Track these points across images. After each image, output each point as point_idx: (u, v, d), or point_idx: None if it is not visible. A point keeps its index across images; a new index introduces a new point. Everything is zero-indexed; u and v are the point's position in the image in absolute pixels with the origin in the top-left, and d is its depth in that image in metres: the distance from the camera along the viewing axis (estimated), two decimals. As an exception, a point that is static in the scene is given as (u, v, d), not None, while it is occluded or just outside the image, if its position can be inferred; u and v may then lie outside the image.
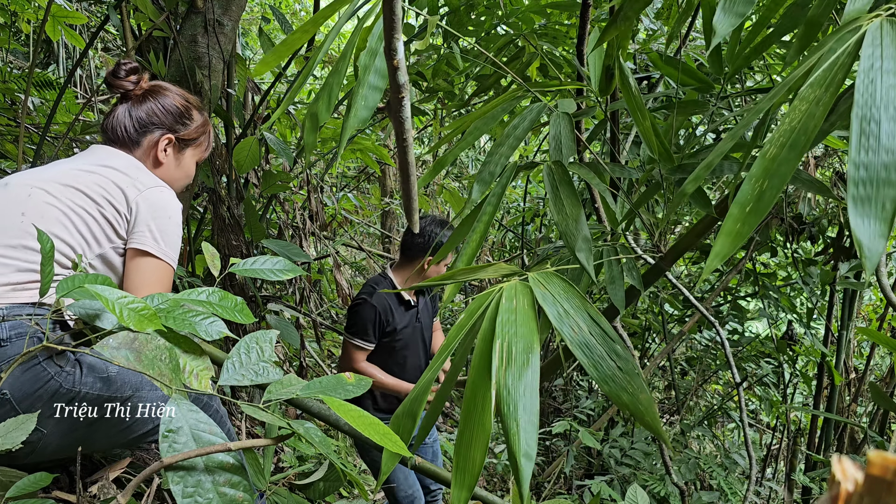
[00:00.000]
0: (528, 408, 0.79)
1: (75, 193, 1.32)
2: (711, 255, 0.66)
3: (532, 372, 0.81)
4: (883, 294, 1.75)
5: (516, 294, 0.89)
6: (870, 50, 0.65)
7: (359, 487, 1.15)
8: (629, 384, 0.82)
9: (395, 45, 0.87)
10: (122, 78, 1.50)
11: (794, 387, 4.27)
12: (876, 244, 0.58)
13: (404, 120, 0.97)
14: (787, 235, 3.18)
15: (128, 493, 0.97)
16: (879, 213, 0.59)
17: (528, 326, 0.84)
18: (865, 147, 0.60)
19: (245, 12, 4.11)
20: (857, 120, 0.62)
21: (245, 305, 1.18)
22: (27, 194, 1.30)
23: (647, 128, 1.22)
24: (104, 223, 1.33)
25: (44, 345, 1.06)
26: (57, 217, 1.29)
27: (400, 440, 0.99)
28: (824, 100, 0.64)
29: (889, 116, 0.61)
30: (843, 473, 0.30)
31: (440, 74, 2.90)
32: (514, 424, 0.77)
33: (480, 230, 1.18)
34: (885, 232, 0.58)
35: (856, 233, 0.58)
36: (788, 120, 0.66)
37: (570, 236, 1.08)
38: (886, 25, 0.66)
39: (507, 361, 0.81)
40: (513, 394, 0.79)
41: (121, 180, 1.37)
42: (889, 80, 0.63)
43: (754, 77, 2.89)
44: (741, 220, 0.65)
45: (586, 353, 0.84)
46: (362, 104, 1.02)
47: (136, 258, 1.36)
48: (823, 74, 0.66)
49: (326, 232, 3.88)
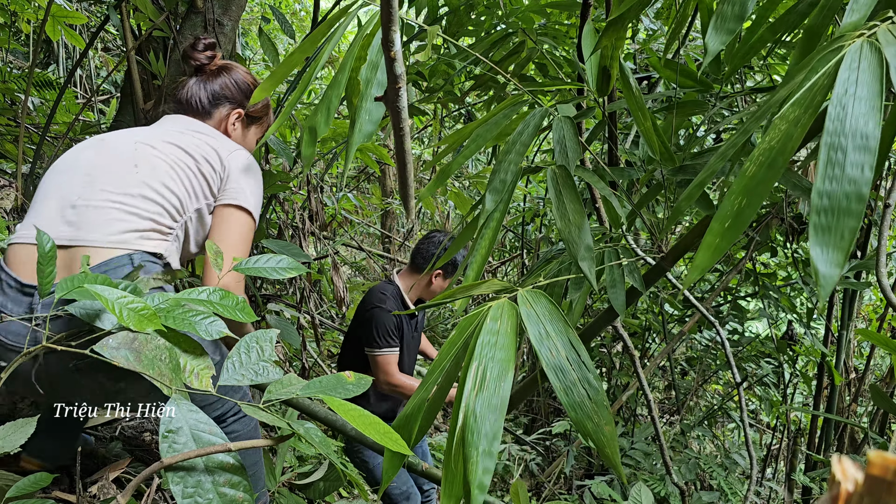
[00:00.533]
0: (489, 437, 0.79)
1: (177, 150, 1.40)
2: (693, 267, 0.67)
3: (501, 399, 0.81)
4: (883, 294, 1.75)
5: (502, 315, 0.90)
6: (846, 74, 0.64)
7: (358, 487, 1.15)
8: (595, 414, 0.83)
9: (391, 38, 0.88)
10: (200, 51, 1.56)
11: (794, 387, 4.27)
12: (832, 272, 0.59)
13: (401, 109, 0.98)
14: (787, 235, 3.18)
15: (128, 493, 0.97)
16: (838, 243, 0.59)
17: (506, 351, 0.85)
18: (830, 176, 0.60)
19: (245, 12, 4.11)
20: (825, 148, 0.61)
21: (246, 304, 1.18)
22: (133, 148, 1.36)
23: (647, 128, 1.21)
24: (202, 179, 1.41)
25: (43, 346, 1.06)
26: (166, 170, 1.36)
27: (401, 439, 0.99)
28: (803, 121, 0.64)
29: (856, 146, 0.60)
30: (844, 473, 0.30)
31: (439, 74, 2.90)
32: (474, 453, 0.78)
33: (489, 237, 1.18)
34: (841, 261, 0.59)
35: (814, 261, 0.59)
36: (768, 139, 0.66)
37: (572, 244, 1.07)
38: (866, 48, 0.65)
39: (479, 387, 0.82)
40: (479, 422, 0.79)
41: (212, 142, 1.46)
42: (860, 107, 0.61)
43: (754, 77, 2.89)
44: (720, 235, 0.67)
45: (559, 377, 0.85)
46: (366, 118, 1.03)
47: (227, 211, 1.43)
48: (803, 95, 0.66)
49: (326, 232, 3.88)
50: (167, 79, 2.65)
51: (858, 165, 0.60)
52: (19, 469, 1.51)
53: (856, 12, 0.80)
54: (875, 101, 0.62)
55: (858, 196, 0.59)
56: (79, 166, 1.34)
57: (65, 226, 1.26)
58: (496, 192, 1.19)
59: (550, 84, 1.43)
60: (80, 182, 1.31)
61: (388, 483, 1.00)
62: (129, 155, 1.35)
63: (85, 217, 1.26)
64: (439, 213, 6.36)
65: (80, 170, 1.33)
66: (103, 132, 3.15)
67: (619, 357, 4.53)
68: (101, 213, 1.27)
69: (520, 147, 1.22)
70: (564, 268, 1.44)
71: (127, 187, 1.31)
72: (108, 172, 1.32)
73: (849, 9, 0.81)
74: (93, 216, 1.27)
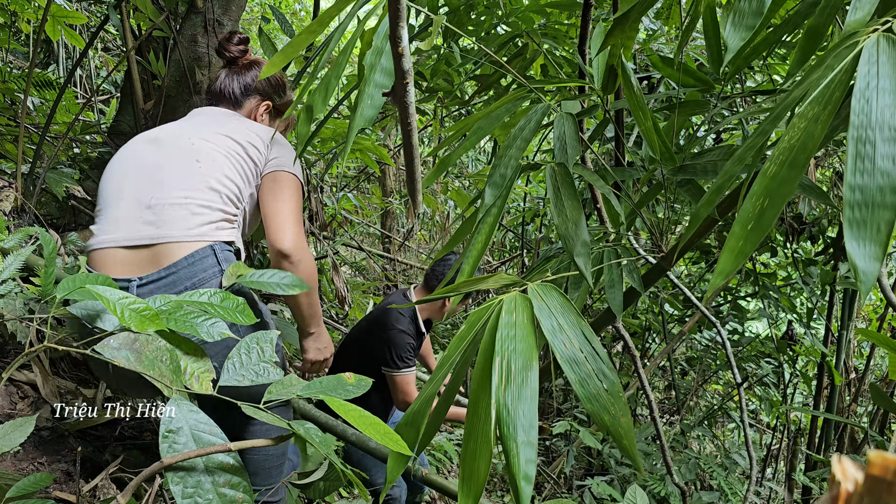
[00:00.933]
0: (526, 428, 0.79)
1: (227, 140, 1.48)
2: (716, 272, 0.66)
3: (531, 390, 0.80)
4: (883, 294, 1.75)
5: (516, 307, 0.89)
6: (866, 68, 0.63)
7: (358, 488, 1.15)
8: (612, 406, 0.82)
9: (399, 33, 0.89)
10: (234, 44, 1.65)
11: (794, 387, 4.27)
12: (871, 267, 0.58)
13: (409, 105, 0.98)
14: (787, 235, 3.18)
15: (128, 492, 0.97)
16: (875, 236, 0.58)
17: (527, 342, 0.85)
18: (861, 170, 0.60)
19: (245, 12, 4.11)
20: (852, 142, 0.61)
21: (246, 306, 1.17)
22: (190, 144, 1.45)
23: (648, 128, 1.21)
24: (251, 164, 1.50)
25: (44, 345, 1.06)
26: (223, 161, 1.45)
27: (402, 440, 0.99)
28: (822, 117, 0.63)
29: (885, 138, 0.60)
30: (843, 473, 0.30)
31: (440, 74, 2.90)
32: (513, 445, 0.77)
33: (485, 231, 1.17)
34: (880, 255, 0.58)
35: (851, 256, 0.58)
36: (788, 138, 0.65)
37: (569, 240, 1.07)
38: (883, 42, 0.64)
39: (507, 380, 0.81)
40: (512, 414, 0.79)
41: (252, 127, 1.55)
42: (885, 99, 0.61)
43: (755, 77, 2.89)
44: (743, 238, 0.65)
45: (574, 369, 0.84)
46: (368, 103, 1.02)
47: (280, 175, 1.52)
48: (821, 92, 0.65)
49: (326, 232, 3.88)
50: (167, 79, 2.65)
51: (889, 157, 0.59)
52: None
53: (859, 10, 0.80)
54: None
55: (892, 188, 0.59)
56: (142, 168, 1.42)
57: (145, 226, 1.35)
58: (496, 187, 1.19)
59: (553, 82, 1.43)
60: (148, 183, 1.39)
61: (391, 484, 0.99)
62: (188, 151, 1.44)
63: (162, 216, 1.36)
64: (440, 213, 6.36)
65: (145, 171, 1.41)
66: (103, 132, 3.15)
67: (619, 357, 4.53)
68: (178, 210, 1.36)
69: (521, 143, 1.22)
70: (563, 267, 1.44)
71: (195, 183, 1.40)
72: (175, 171, 1.41)
73: (852, 7, 0.81)
74: (170, 214, 1.36)
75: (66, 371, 2.13)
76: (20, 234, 1.48)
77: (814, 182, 1.22)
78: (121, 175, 1.44)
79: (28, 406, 1.82)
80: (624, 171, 1.58)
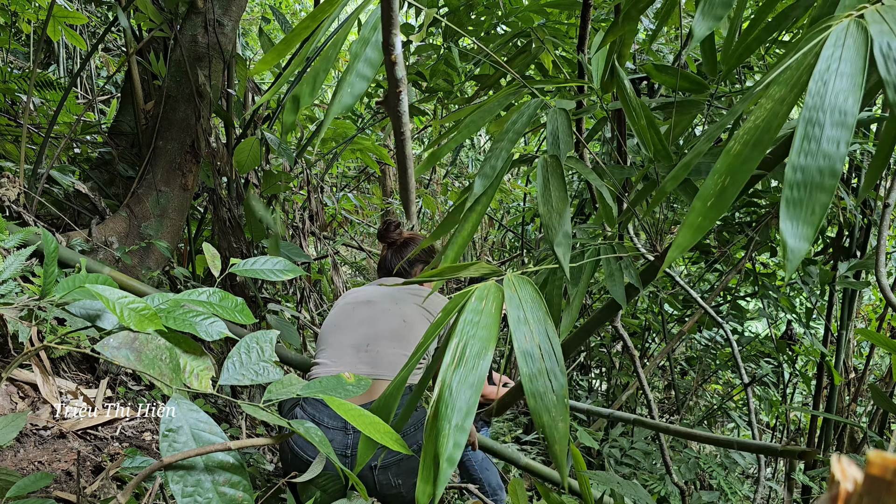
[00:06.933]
0: (463, 412, 0.79)
1: (410, 305, 1.85)
2: (673, 246, 0.66)
3: (478, 377, 0.81)
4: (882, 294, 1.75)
5: (486, 296, 0.90)
6: (829, 51, 0.63)
7: (358, 488, 1.15)
8: (554, 407, 0.82)
9: (392, 41, 0.88)
10: (393, 231, 2.04)
11: (793, 387, 4.27)
12: (800, 246, 0.58)
13: (402, 114, 0.98)
14: (786, 235, 3.17)
15: (128, 492, 0.98)
16: (808, 217, 0.59)
17: (489, 330, 0.85)
18: (806, 151, 0.60)
19: (245, 12, 4.11)
20: (802, 122, 0.61)
21: (245, 306, 1.18)
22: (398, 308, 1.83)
23: (642, 126, 1.21)
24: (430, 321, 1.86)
25: (44, 345, 1.06)
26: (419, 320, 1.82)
27: (399, 436, 1.00)
28: (788, 99, 0.63)
29: (833, 121, 0.60)
30: (843, 473, 0.30)
31: (439, 74, 2.90)
32: (446, 426, 0.78)
33: (473, 219, 1.17)
34: (810, 236, 0.58)
35: (783, 234, 0.59)
36: (753, 118, 0.65)
37: (551, 229, 1.07)
38: (853, 27, 0.64)
39: (458, 362, 0.82)
40: (454, 396, 0.79)
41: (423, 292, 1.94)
42: (841, 83, 0.61)
43: (754, 77, 2.89)
44: (702, 214, 0.65)
45: (528, 362, 0.84)
46: (348, 91, 1.01)
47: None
48: (789, 74, 0.65)
49: (326, 232, 3.88)
50: (167, 79, 2.66)
51: (834, 141, 0.60)
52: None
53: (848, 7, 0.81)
54: (857, 78, 0.61)
55: (832, 171, 0.59)
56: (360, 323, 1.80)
57: (363, 365, 1.70)
58: (486, 178, 1.18)
59: (552, 82, 1.43)
60: (366, 335, 1.76)
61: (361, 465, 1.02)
62: (396, 313, 1.82)
63: (377, 359, 1.71)
64: (439, 213, 6.36)
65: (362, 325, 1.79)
66: (104, 132, 3.15)
67: (618, 357, 4.54)
68: (388, 357, 1.72)
69: (512, 135, 1.22)
70: (550, 261, 1.44)
71: (402, 338, 1.76)
72: (387, 327, 1.77)
73: (841, 4, 0.82)
74: (383, 358, 1.71)
75: (66, 371, 2.13)
76: (21, 233, 1.49)
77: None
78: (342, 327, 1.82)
79: (28, 406, 1.83)
80: (621, 169, 1.58)
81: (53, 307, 1.15)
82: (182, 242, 3.04)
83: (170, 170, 2.69)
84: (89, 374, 2.19)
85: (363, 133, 3.51)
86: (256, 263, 1.32)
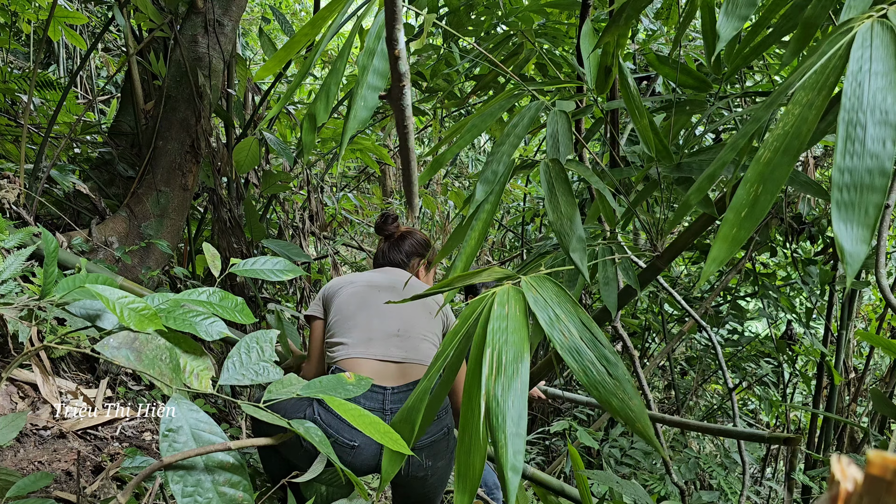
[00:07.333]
0: (515, 419, 0.78)
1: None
2: (709, 260, 0.65)
3: (521, 382, 0.80)
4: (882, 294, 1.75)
5: (508, 300, 0.89)
6: (859, 52, 0.63)
7: (358, 487, 1.15)
8: (619, 389, 0.81)
9: (395, 36, 0.89)
10: (390, 224, 2.08)
11: (793, 386, 4.27)
12: (858, 249, 0.57)
13: (405, 107, 0.99)
14: (786, 235, 3.18)
15: (128, 492, 0.98)
16: (862, 219, 0.58)
17: (519, 334, 0.84)
18: (851, 152, 0.59)
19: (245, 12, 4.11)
20: (843, 124, 0.60)
21: (245, 305, 1.18)
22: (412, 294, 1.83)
23: (644, 126, 1.21)
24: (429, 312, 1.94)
25: (44, 345, 1.06)
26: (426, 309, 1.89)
27: (401, 438, 0.99)
28: (817, 103, 0.63)
29: (875, 121, 0.60)
30: (843, 473, 0.30)
31: (440, 74, 2.90)
32: (501, 436, 0.77)
33: (479, 228, 1.17)
34: (867, 237, 0.57)
35: (838, 238, 0.58)
36: (782, 124, 0.65)
37: (564, 236, 1.07)
38: (877, 27, 0.64)
39: (497, 371, 0.81)
40: (501, 405, 0.78)
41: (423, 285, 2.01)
42: (876, 82, 0.61)
43: (754, 77, 2.89)
44: (737, 225, 0.65)
45: (576, 358, 0.83)
46: (362, 105, 1.02)
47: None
48: (815, 78, 0.65)
49: (326, 232, 3.88)
50: (167, 79, 2.66)
51: (880, 140, 0.59)
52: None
53: (853, 9, 0.80)
54: (892, 76, 0.61)
55: (881, 171, 0.58)
56: (387, 307, 1.82)
57: (396, 349, 1.75)
58: (487, 183, 1.18)
59: (550, 83, 1.43)
60: (395, 321, 1.79)
61: (387, 480, 0.99)
62: (417, 302, 1.84)
63: (409, 344, 1.77)
64: (439, 213, 6.36)
65: (390, 313, 1.81)
66: (104, 132, 3.15)
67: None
68: (419, 342, 1.79)
69: (513, 139, 1.21)
70: (558, 263, 1.44)
71: (427, 325, 1.83)
72: (414, 315, 1.83)
73: (846, 7, 0.82)
74: (414, 344, 1.78)
75: (66, 371, 2.14)
76: (21, 233, 1.49)
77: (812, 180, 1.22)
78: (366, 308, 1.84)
79: (28, 406, 1.83)
80: (621, 171, 1.58)
81: (53, 307, 1.15)
82: (182, 242, 3.04)
83: (170, 170, 2.69)
84: (89, 374, 2.20)
85: (363, 133, 3.51)
86: (256, 263, 1.32)
